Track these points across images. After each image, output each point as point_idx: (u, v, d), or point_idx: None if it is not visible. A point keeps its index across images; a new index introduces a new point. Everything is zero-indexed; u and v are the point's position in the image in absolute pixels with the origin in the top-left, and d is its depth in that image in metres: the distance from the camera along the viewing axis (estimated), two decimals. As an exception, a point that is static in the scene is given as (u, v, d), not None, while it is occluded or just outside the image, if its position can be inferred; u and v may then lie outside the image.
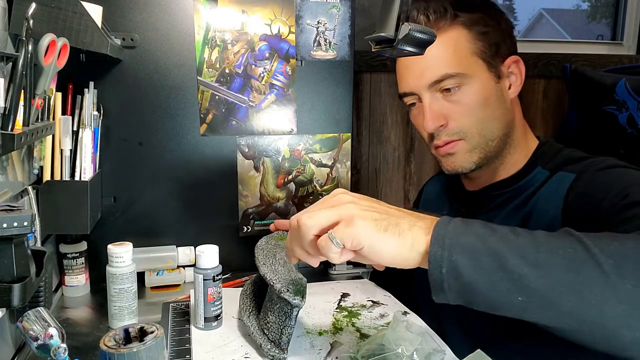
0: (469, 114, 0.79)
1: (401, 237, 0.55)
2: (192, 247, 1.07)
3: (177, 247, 1.08)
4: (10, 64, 0.64)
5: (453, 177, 0.94)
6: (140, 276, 1.00)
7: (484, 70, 0.79)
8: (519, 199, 0.81)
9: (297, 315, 0.69)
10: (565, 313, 0.50)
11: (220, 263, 0.82)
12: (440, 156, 0.84)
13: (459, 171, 0.83)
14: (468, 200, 0.90)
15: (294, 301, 0.67)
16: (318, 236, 0.57)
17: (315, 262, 0.61)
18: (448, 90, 0.78)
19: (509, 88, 0.82)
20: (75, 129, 0.93)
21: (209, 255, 0.81)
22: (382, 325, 0.81)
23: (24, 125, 0.67)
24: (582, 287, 0.49)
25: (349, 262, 1.15)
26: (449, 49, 0.78)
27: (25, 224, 0.57)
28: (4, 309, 0.66)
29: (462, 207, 0.90)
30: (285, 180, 1.17)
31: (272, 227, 0.94)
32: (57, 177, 0.90)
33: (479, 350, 0.58)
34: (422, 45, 0.58)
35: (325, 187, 1.20)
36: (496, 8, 0.82)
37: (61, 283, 1.03)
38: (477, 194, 0.88)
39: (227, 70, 1.10)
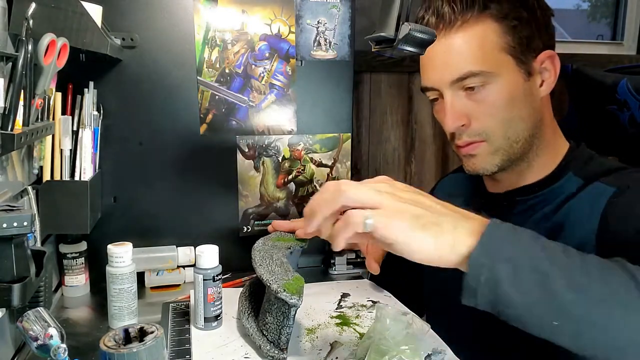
0: (492, 115, 0.73)
1: (440, 237, 0.53)
2: (192, 247, 1.07)
3: (177, 247, 1.08)
4: (10, 64, 0.63)
5: (473, 177, 0.88)
6: (140, 276, 1.00)
7: (512, 68, 0.73)
8: (548, 207, 0.75)
9: (294, 315, 0.68)
10: (598, 347, 0.48)
11: (220, 263, 0.82)
12: (462, 156, 0.80)
13: (480, 173, 0.78)
14: (488, 203, 0.84)
15: (291, 301, 0.66)
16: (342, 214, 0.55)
17: (310, 233, 0.59)
18: (471, 88, 0.73)
19: (541, 85, 0.77)
20: (75, 129, 0.93)
21: (209, 255, 0.81)
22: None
23: (23, 125, 0.67)
24: (627, 327, 0.47)
25: (348, 262, 1.16)
26: (475, 44, 0.72)
27: (25, 224, 0.57)
28: (4, 309, 0.66)
29: (481, 210, 0.85)
30: (285, 180, 1.17)
31: (270, 228, 0.94)
32: (57, 177, 0.90)
33: None
34: (422, 45, 0.58)
35: (326, 187, 1.20)
36: None
37: (61, 283, 1.03)
38: (499, 197, 0.82)
39: (227, 70, 1.10)
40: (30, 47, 0.63)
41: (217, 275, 0.81)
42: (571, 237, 0.71)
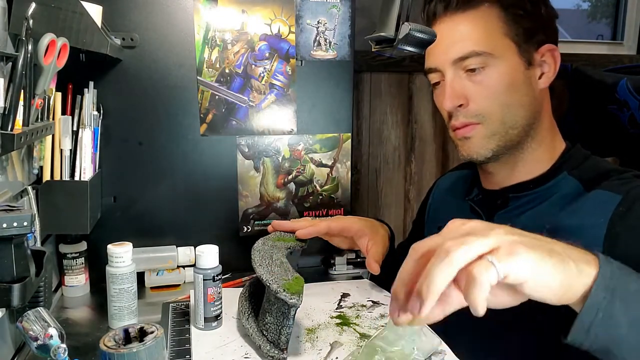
0: (490, 97, 0.75)
1: (565, 264, 0.46)
2: (192, 247, 1.07)
3: (177, 247, 1.08)
4: (10, 64, 0.64)
5: (469, 174, 0.90)
6: (140, 276, 1.00)
7: (514, 54, 0.75)
8: (543, 205, 0.77)
9: (294, 314, 0.68)
10: None
11: (220, 263, 0.82)
12: (457, 139, 0.81)
13: (474, 158, 0.79)
14: (484, 200, 0.85)
15: (291, 301, 0.66)
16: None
17: (442, 313, 0.49)
18: (472, 70, 0.75)
19: (540, 77, 0.79)
20: (75, 128, 0.93)
21: (209, 255, 0.81)
22: (382, 325, 0.81)
23: (23, 125, 0.67)
24: None
25: (348, 262, 1.16)
26: (479, 26, 0.75)
27: (25, 224, 0.57)
28: (4, 309, 0.66)
29: (476, 206, 0.86)
30: (285, 180, 1.17)
31: (270, 228, 0.94)
32: (57, 177, 0.90)
33: None
34: (422, 45, 0.59)
35: (325, 187, 1.20)
36: None
37: (61, 283, 1.03)
38: (494, 194, 0.84)
39: (227, 70, 1.10)
40: (30, 47, 0.63)
41: (217, 275, 0.81)
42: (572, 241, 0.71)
